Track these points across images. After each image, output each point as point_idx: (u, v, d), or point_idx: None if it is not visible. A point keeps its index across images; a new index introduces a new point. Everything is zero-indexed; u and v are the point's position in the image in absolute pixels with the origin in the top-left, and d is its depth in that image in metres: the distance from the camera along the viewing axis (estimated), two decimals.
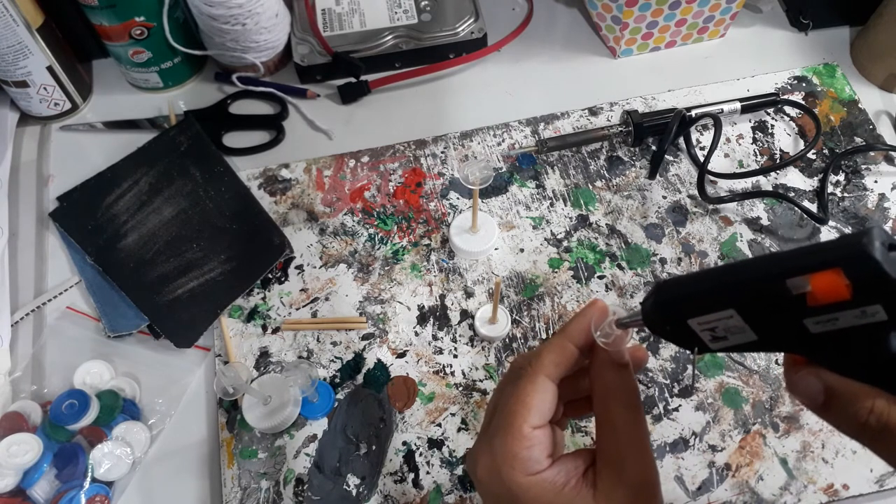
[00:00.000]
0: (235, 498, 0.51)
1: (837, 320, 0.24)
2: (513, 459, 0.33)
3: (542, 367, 0.34)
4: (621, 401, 0.34)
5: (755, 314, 0.27)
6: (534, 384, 0.34)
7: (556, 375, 0.34)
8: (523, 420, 0.33)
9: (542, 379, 0.34)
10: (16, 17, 0.60)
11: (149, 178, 0.62)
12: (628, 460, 0.32)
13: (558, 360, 0.34)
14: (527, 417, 0.33)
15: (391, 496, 0.50)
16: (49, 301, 0.60)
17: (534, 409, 0.33)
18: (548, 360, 0.34)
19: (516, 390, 0.34)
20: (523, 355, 0.37)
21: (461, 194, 0.63)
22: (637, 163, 0.65)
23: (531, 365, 0.34)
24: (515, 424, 0.33)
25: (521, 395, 0.34)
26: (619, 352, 0.34)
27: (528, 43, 0.73)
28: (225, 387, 0.46)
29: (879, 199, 0.62)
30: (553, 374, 0.34)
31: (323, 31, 0.70)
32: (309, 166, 0.65)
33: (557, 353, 0.34)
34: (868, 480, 0.50)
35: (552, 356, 0.34)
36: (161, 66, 0.69)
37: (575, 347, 0.35)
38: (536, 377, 0.34)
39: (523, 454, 0.33)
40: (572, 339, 0.35)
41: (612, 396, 0.34)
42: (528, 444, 0.33)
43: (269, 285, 0.59)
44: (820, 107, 0.68)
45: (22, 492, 0.50)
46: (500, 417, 0.34)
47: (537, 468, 0.33)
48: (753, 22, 0.74)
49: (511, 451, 0.33)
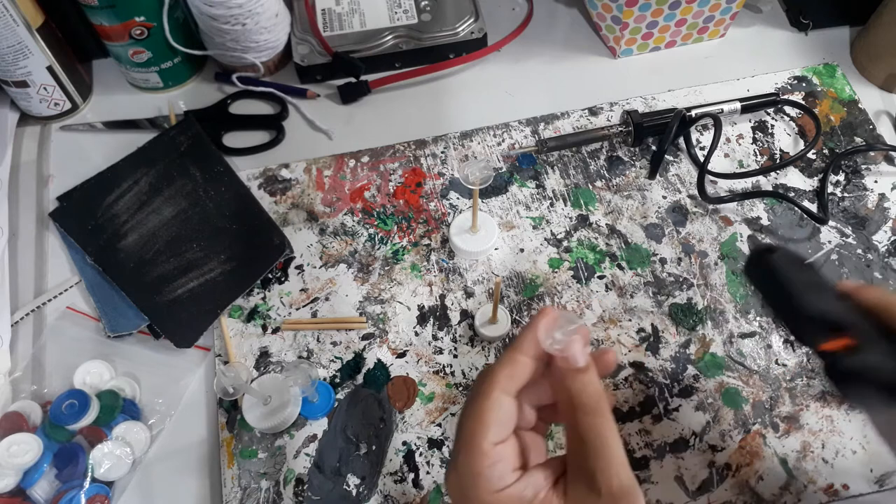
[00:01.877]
0: (235, 498, 0.51)
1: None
2: (476, 477, 0.33)
3: (497, 383, 0.34)
4: (583, 408, 0.33)
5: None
6: (489, 401, 0.34)
7: (511, 389, 0.35)
8: (482, 438, 0.33)
9: (498, 394, 0.34)
10: (16, 17, 0.60)
11: (149, 178, 0.62)
12: (598, 470, 0.32)
13: (511, 374, 0.34)
14: (486, 435, 0.33)
15: (391, 496, 0.50)
16: (49, 301, 0.60)
17: (492, 426, 0.33)
18: (501, 375, 0.34)
19: (473, 409, 0.34)
20: (482, 372, 0.37)
21: (461, 194, 0.63)
22: (637, 163, 0.65)
23: (486, 382, 0.35)
24: (475, 443, 0.33)
25: (478, 413, 0.34)
26: (573, 357, 0.34)
27: (528, 43, 0.73)
28: (225, 387, 0.46)
29: (879, 199, 0.62)
30: (508, 388, 0.34)
31: (323, 31, 0.70)
32: (309, 166, 0.65)
33: (509, 366, 0.35)
34: (868, 480, 0.50)
35: (505, 370, 0.35)
36: (161, 66, 0.69)
37: (527, 358, 0.35)
38: (491, 393, 0.34)
39: (486, 472, 0.33)
40: (523, 351, 0.35)
41: (573, 404, 0.34)
42: (489, 462, 0.33)
43: (269, 285, 0.59)
44: (820, 107, 0.68)
45: (22, 492, 0.50)
46: (461, 437, 0.35)
47: (502, 484, 0.33)
48: (753, 22, 0.74)
49: (474, 469, 0.33)
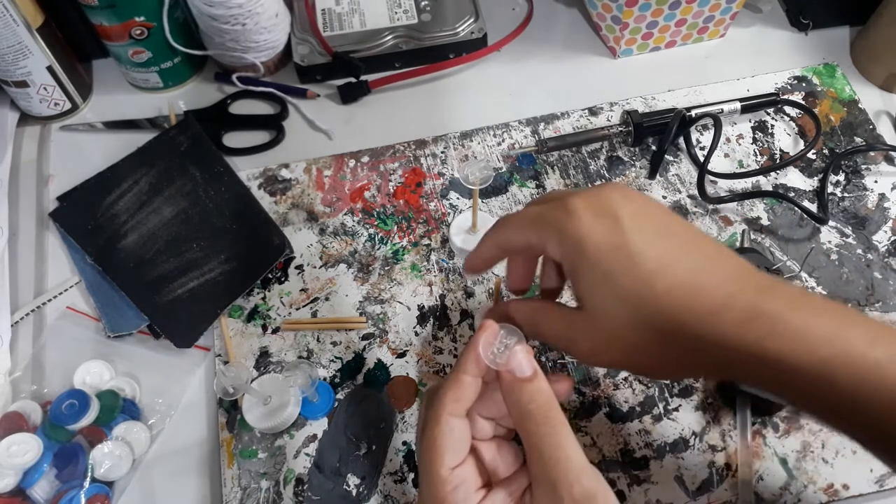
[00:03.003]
0: (235, 498, 0.51)
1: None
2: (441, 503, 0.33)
3: (444, 407, 0.34)
4: (535, 418, 0.33)
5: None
6: (439, 426, 0.34)
7: (459, 411, 0.35)
8: (439, 465, 0.33)
9: (446, 419, 0.34)
10: (16, 17, 0.60)
11: (149, 178, 0.62)
12: (559, 479, 0.32)
13: (457, 396, 0.35)
14: (442, 462, 0.33)
15: (391, 496, 0.50)
16: (49, 301, 0.60)
17: (446, 452, 0.34)
18: (447, 398, 0.35)
19: (425, 437, 0.35)
20: (427, 392, 0.38)
21: (461, 194, 0.63)
22: (637, 163, 0.65)
23: (433, 408, 0.35)
24: (433, 471, 0.33)
25: (431, 440, 0.34)
26: (517, 368, 0.34)
27: (528, 43, 0.73)
28: (225, 387, 0.46)
29: (879, 199, 0.62)
30: (456, 411, 0.34)
31: (323, 31, 0.70)
32: (309, 166, 0.65)
33: (454, 388, 0.35)
34: (868, 480, 0.50)
35: (450, 394, 0.35)
36: (161, 66, 0.69)
37: (471, 377, 0.35)
38: (440, 419, 0.34)
39: (449, 497, 0.33)
40: (466, 371, 0.35)
41: (524, 416, 0.34)
42: (450, 487, 0.33)
43: (269, 285, 0.59)
44: (820, 107, 0.68)
45: (22, 492, 0.50)
46: (421, 466, 0.35)
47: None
48: (753, 22, 0.74)
49: (437, 496, 0.33)
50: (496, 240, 0.39)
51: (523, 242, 0.37)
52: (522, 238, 0.37)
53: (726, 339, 0.31)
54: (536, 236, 0.36)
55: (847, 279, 0.58)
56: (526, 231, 0.36)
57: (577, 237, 0.33)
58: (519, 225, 0.37)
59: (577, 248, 0.33)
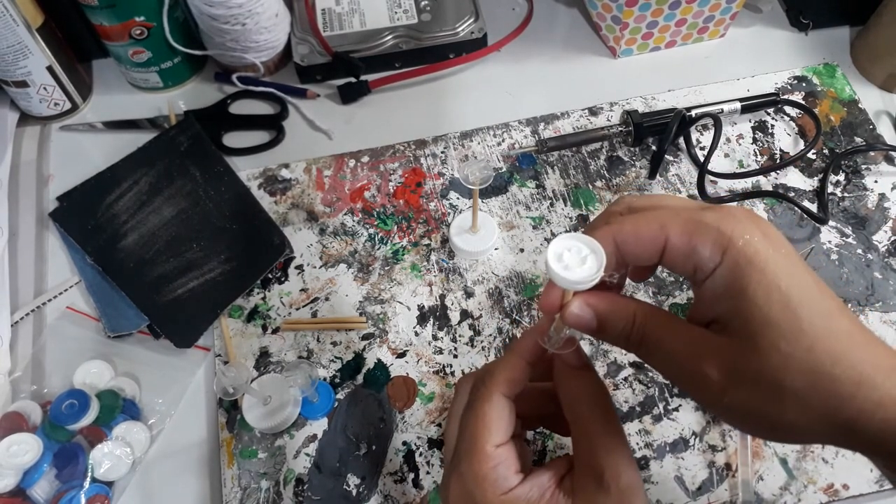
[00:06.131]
0: (235, 498, 0.51)
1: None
2: (482, 481, 0.33)
3: (497, 385, 0.34)
4: (588, 404, 0.34)
5: None
6: (491, 403, 0.34)
7: (510, 392, 0.35)
8: (486, 440, 0.33)
9: (498, 397, 0.34)
10: (16, 17, 0.60)
11: (149, 178, 0.62)
12: (606, 466, 0.32)
13: (510, 377, 0.35)
14: (489, 437, 0.33)
15: (391, 496, 0.50)
16: (49, 301, 0.60)
17: (494, 428, 0.34)
18: (501, 377, 0.35)
19: (474, 412, 0.34)
20: (469, 376, 0.37)
21: (461, 194, 0.63)
22: (637, 163, 0.65)
23: (485, 385, 0.35)
24: (479, 445, 0.33)
25: (480, 415, 0.34)
26: (575, 354, 0.34)
27: (528, 43, 0.73)
28: (225, 387, 0.46)
29: (879, 199, 0.62)
30: (507, 391, 0.35)
31: (323, 31, 0.70)
32: (309, 166, 0.65)
33: (509, 370, 0.35)
34: (868, 480, 0.50)
35: (505, 374, 0.35)
36: (161, 66, 0.69)
37: (526, 362, 0.35)
38: (492, 396, 0.34)
39: (492, 474, 0.33)
40: (522, 355, 0.35)
41: (578, 401, 0.34)
42: (494, 464, 0.33)
43: (269, 285, 0.59)
44: (820, 107, 0.68)
45: (22, 492, 0.50)
46: (462, 442, 0.35)
47: (507, 486, 0.33)
48: (753, 22, 0.74)
49: (479, 472, 0.33)
50: (616, 232, 0.31)
51: (659, 242, 0.30)
52: (663, 235, 0.30)
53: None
54: (687, 238, 0.29)
55: (847, 279, 0.58)
56: (675, 228, 0.30)
57: (751, 255, 0.28)
58: (662, 221, 0.30)
59: (749, 265, 0.28)
